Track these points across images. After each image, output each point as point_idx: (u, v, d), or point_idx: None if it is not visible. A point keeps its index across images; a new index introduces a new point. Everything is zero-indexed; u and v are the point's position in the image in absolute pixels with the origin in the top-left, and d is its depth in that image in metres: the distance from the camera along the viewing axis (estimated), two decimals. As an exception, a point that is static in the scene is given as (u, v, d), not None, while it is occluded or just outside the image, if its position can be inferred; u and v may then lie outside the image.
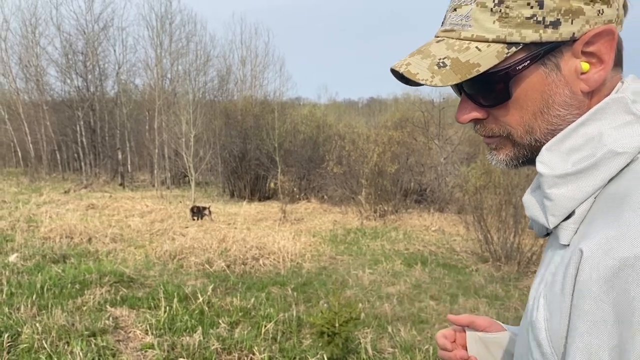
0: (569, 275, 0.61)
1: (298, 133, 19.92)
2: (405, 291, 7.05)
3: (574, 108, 0.71)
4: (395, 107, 37.14)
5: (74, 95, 26.83)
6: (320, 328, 3.85)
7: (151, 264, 8.03)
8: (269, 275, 7.62)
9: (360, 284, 7.26)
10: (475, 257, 9.87)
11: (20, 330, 4.33)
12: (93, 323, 4.61)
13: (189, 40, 26.67)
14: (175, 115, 20.62)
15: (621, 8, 0.70)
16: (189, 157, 19.27)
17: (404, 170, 15.11)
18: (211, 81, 28.88)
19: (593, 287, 0.57)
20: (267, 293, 6.44)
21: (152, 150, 24.69)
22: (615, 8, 0.69)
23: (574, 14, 0.67)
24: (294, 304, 5.92)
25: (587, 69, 0.69)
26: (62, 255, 7.79)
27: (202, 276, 7.40)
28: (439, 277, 8.02)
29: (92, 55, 26.75)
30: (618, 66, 0.72)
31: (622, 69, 0.73)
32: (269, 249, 8.91)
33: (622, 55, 0.72)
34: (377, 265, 8.81)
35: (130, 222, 12.28)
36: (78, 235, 9.46)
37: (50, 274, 6.39)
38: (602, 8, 0.67)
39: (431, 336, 4.86)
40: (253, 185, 21.70)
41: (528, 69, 0.70)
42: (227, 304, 5.38)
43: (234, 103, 23.87)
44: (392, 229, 13.19)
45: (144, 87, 28.30)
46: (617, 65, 0.71)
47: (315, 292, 6.59)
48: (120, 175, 26.35)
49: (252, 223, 13.70)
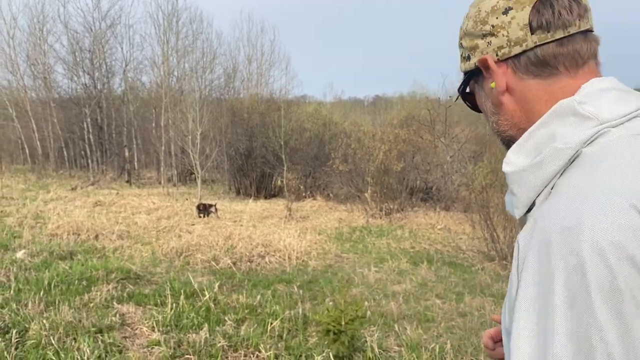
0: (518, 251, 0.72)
1: (304, 131, 19.92)
2: (411, 289, 7.04)
3: (500, 115, 0.89)
4: (402, 105, 37.04)
5: (81, 92, 26.95)
6: (327, 326, 3.85)
7: (158, 261, 8.05)
8: (274, 273, 7.63)
9: (366, 282, 7.25)
10: (482, 255, 9.85)
11: (28, 326, 4.36)
12: (100, 319, 4.63)
13: (195, 38, 26.72)
14: (181, 112, 20.66)
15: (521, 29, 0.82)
16: (195, 155, 19.31)
17: (410, 169, 15.08)
18: (217, 79, 28.93)
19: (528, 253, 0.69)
20: (273, 290, 6.45)
21: (158, 147, 24.76)
22: (503, 35, 0.83)
23: (473, 49, 0.89)
24: (300, 301, 5.93)
25: (494, 86, 0.87)
26: (70, 251, 7.82)
27: (208, 273, 7.42)
28: (444, 275, 8.00)
29: (99, 53, 26.85)
30: (574, 68, 0.81)
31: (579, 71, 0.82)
32: (275, 246, 8.92)
33: (580, 60, 0.81)
34: (382, 263, 8.81)
35: (137, 219, 12.33)
36: (85, 232, 9.51)
37: (58, 270, 6.42)
38: (490, 40, 0.86)
39: (437, 335, 4.86)
40: (259, 182, 21.72)
41: (474, 89, 0.96)
42: (233, 301, 5.39)
43: (240, 101, 23.90)
44: (398, 227, 13.17)
45: (150, 84, 28.37)
46: (574, 68, 0.81)
47: (321, 290, 6.60)
48: (127, 172, 26.46)
49: (257, 220, 13.72)
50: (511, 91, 0.86)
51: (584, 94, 0.79)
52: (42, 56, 27.76)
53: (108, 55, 27.43)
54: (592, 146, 0.74)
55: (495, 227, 9.56)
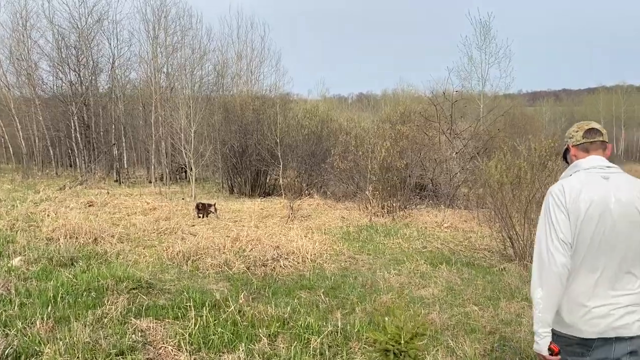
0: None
1: (301, 128, 19.41)
2: (439, 294, 6.63)
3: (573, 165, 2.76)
4: (395, 101, 36.74)
5: (67, 90, 26.11)
6: (385, 345, 3.41)
7: (165, 266, 7.54)
8: (291, 278, 7.16)
9: (390, 287, 6.82)
10: (498, 255, 9.47)
11: (39, 349, 3.84)
12: (119, 339, 4.12)
13: (184, 34, 25.98)
14: (174, 109, 20.03)
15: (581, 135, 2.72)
16: (190, 153, 18.72)
17: (413, 166, 14.67)
18: (207, 75, 28.24)
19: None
20: (296, 298, 5.99)
21: (149, 145, 24.09)
22: (579, 136, 2.72)
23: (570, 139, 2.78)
24: (329, 311, 5.48)
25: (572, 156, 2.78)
26: (70, 257, 7.27)
27: (222, 279, 6.93)
28: (469, 278, 7.60)
29: (86, 49, 26.04)
30: (584, 152, 2.69)
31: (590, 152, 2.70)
32: (287, 248, 8.44)
33: (588, 147, 2.69)
34: (399, 265, 8.39)
35: (134, 221, 11.77)
36: (83, 235, 8.95)
37: (61, 279, 5.87)
38: (574, 135, 2.75)
39: (491, 348, 4.44)
40: (254, 181, 21.20)
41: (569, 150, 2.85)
42: (261, 312, 4.90)
43: (234, 97, 23.28)
44: (403, 225, 12.75)
45: (139, 81, 27.63)
46: (585, 152, 2.69)
47: (347, 297, 6.15)
48: (116, 171, 25.74)
49: (258, 220, 13.23)
50: (573, 155, 2.75)
51: (574, 164, 2.69)
52: (25, 52, 26.87)
53: (95, 51, 26.65)
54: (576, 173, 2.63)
55: (514, 225, 9.17)
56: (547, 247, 2.45)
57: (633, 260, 2.47)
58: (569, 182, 2.53)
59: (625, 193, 2.46)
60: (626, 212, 2.45)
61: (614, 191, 2.46)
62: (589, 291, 2.45)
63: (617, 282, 2.46)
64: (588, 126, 2.69)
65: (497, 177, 9.10)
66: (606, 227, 2.42)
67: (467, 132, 15.33)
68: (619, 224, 2.43)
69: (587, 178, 2.51)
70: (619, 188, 2.48)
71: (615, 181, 2.51)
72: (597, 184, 2.49)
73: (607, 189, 2.47)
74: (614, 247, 2.44)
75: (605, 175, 2.52)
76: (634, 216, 2.45)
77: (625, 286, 2.47)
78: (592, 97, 64.49)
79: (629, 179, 2.56)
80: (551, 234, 2.45)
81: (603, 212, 2.43)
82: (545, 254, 2.45)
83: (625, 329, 2.43)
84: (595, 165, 2.56)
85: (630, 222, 2.45)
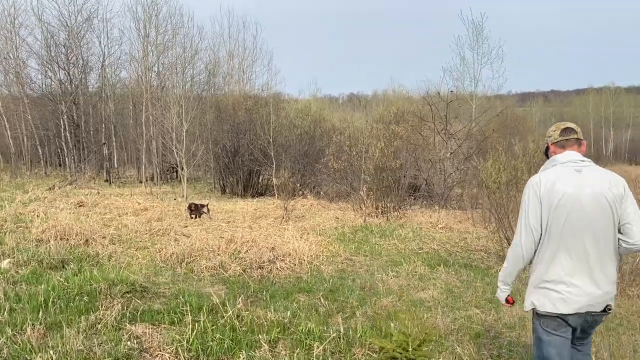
0: None
1: (294, 128, 19.24)
2: (438, 297, 6.52)
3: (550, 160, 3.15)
4: (385, 101, 36.66)
5: (57, 88, 25.73)
6: (392, 353, 3.28)
7: (159, 269, 7.37)
8: (289, 280, 7.02)
9: (389, 290, 6.70)
10: (495, 256, 9.39)
11: (30, 358, 3.66)
12: (114, 346, 3.95)
13: (175, 33, 25.68)
14: (166, 109, 19.78)
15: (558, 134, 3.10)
16: (181, 152, 18.49)
17: (408, 166, 14.57)
18: (198, 75, 27.95)
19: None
20: (294, 302, 5.85)
21: (139, 145, 23.80)
22: (556, 135, 3.10)
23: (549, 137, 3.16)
24: (329, 315, 5.35)
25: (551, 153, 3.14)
26: (61, 260, 7.08)
27: (217, 282, 6.77)
28: (467, 280, 7.51)
29: (75, 48, 25.68)
30: (561, 149, 3.05)
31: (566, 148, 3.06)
32: (282, 250, 8.30)
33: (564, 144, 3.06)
34: (397, 267, 8.28)
35: (126, 221, 11.56)
36: (74, 237, 8.74)
37: (52, 283, 5.68)
38: (552, 134, 3.14)
39: (498, 354, 4.33)
40: (246, 181, 21.01)
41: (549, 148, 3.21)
42: (260, 317, 4.75)
43: (226, 97, 23.07)
44: (398, 226, 12.65)
45: (130, 80, 27.31)
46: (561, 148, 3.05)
47: (347, 300, 6.02)
48: (106, 171, 25.43)
49: (252, 221, 13.07)
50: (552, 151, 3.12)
51: (552, 159, 3.06)
52: (14, 50, 26.47)
53: (85, 50, 26.28)
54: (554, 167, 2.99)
55: (511, 226, 9.09)
56: (520, 231, 2.90)
57: (605, 245, 2.80)
58: (546, 174, 2.91)
59: (595, 184, 2.80)
60: (596, 201, 2.78)
61: (585, 182, 2.80)
62: (572, 271, 2.80)
63: (590, 262, 2.79)
64: (564, 126, 3.09)
65: (495, 177, 9.02)
66: (577, 214, 2.76)
67: (461, 132, 15.24)
68: (589, 212, 2.77)
69: (562, 171, 2.88)
70: (590, 179, 2.82)
71: (587, 174, 2.85)
72: (571, 175, 2.85)
73: (579, 180, 2.83)
74: (584, 232, 2.77)
75: (578, 169, 2.87)
76: (603, 204, 2.77)
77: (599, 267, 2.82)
78: (582, 98, 64.89)
79: (601, 171, 2.89)
80: (523, 220, 2.89)
81: (574, 202, 2.78)
82: (518, 236, 2.91)
83: (595, 307, 2.82)
84: (570, 160, 2.93)
85: (600, 209, 2.78)
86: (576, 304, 2.79)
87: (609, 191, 2.78)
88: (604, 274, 2.81)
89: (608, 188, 2.78)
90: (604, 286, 2.81)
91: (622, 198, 2.80)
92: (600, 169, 2.92)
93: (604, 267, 2.81)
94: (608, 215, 2.77)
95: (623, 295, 6.73)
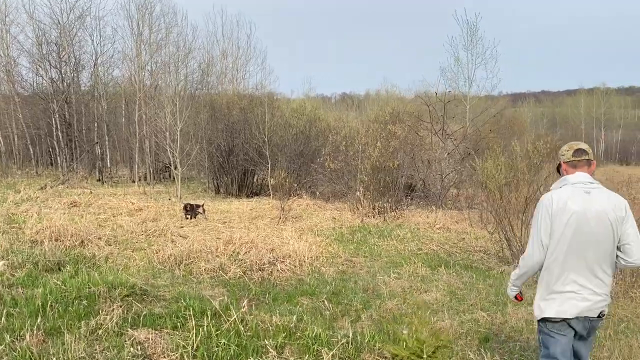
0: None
1: (289, 127, 19.10)
2: (442, 299, 6.44)
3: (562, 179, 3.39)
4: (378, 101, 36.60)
5: (48, 87, 25.42)
6: (407, 360, 3.19)
7: (157, 271, 7.24)
8: (290, 282, 6.91)
9: (392, 292, 6.61)
10: (495, 258, 9.33)
11: (31, 365, 3.54)
12: (117, 353, 3.83)
13: (169, 32, 25.46)
14: (159, 108, 19.58)
15: (570, 154, 3.29)
16: (176, 152, 18.31)
17: (406, 166, 14.49)
18: (192, 74, 27.71)
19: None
20: (298, 305, 5.75)
21: (132, 144, 23.58)
22: (569, 155, 3.30)
23: (562, 156, 3.36)
24: (334, 319, 5.25)
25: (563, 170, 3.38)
26: (57, 262, 6.92)
27: (217, 285, 6.65)
28: (469, 281, 7.43)
29: (67, 46, 25.38)
30: (573, 168, 3.28)
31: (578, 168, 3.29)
32: (282, 251, 8.19)
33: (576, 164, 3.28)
34: (398, 268, 8.19)
35: (120, 222, 11.41)
36: (69, 238, 8.58)
37: (49, 286, 5.52)
38: (565, 154, 3.33)
39: (510, 359, 4.25)
40: (241, 180, 20.85)
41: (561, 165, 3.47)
42: (265, 321, 4.64)
43: (220, 96, 22.88)
44: (396, 226, 12.57)
45: (123, 79, 27.04)
46: (573, 168, 3.28)
47: (351, 303, 5.92)
48: (98, 170, 25.17)
49: (248, 221, 12.94)
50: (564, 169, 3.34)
51: (563, 178, 3.30)
52: (4, 48, 26.14)
53: (77, 48, 25.95)
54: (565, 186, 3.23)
55: (512, 227, 9.04)
56: (532, 244, 3.24)
57: (604, 258, 3.15)
58: (558, 193, 3.21)
59: (601, 205, 3.13)
60: (600, 220, 3.11)
61: (593, 204, 3.14)
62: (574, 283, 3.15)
63: (591, 273, 3.15)
64: (577, 147, 3.34)
65: (497, 177, 8.95)
66: (584, 230, 3.11)
67: (458, 133, 15.18)
68: (594, 229, 3.12)
69: (572, 192, 3.17)
70: (597, 201, 3.15)
71: (595, 195, 3.17)
72: (580, 197, 3.16)
73: (587, 202, 3.14)
74: (589, 247, 3.12)
75: (587, 190, 3.18)
76: (606, 224, 3.12)
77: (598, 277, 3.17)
78: (573, 99, 65.27)
79: (607, 194, 3.22)
80: (535, 235, 3.22)
81: (582, 220, 3.11)
82: (530, 248, 3.25)
83: (592, 312, 3.16)
84: (580, 181, 3.21)
85: (603, 228, 3.12)
86: (577, 308, 3.14)
87: (613, 212, 3.11)
88: (602, 284, 3.17)
89: (612, 210, 3.12)
90: (600, 295, 3.16)
91: (623, 220, 3.13)
92: (606, 191, 3.24)
93: (603, 279, 3.17)
94: (610, 234, 3.12)
95: (626, 297, 6.69)
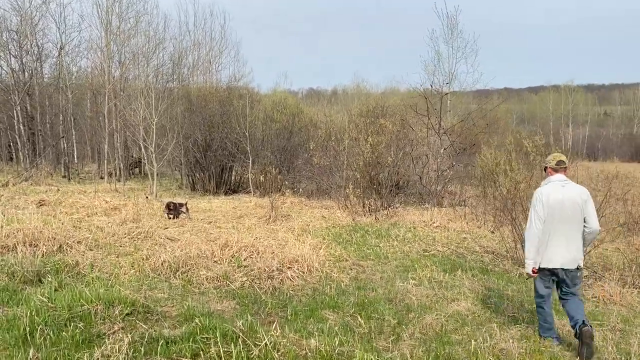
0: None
1: (272, 122, 18.27)
2: (475, 309, 5.84)
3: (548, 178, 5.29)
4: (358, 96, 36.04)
5: (8, 78, 23.87)
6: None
7: (151, 280, 6.39)
8: (304, 292, 6.18)
9: (421, 303, 5.96)
10: (508, 259, 8.81)
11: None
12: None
13: (138, 20, 24.14)
14: (132, 100, 18.45)
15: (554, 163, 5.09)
16: (151, 147, 17.26)
17: (398, 162, 13.90)
18: (163, 65, 26.47)
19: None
20: (321, 320, 5.03)
21: (101, 138, 22.30)
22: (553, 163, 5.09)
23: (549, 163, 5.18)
24: (370, 338, 4.55)
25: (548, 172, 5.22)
26: (36, 272, 6.00)
27: (224, 296, 5.86)
28: (495, 287, 6.86)
29: (30, 34, 23.87)
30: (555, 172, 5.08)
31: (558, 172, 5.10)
32: (285, 255, 7.41)
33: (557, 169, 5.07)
34: (409, 272, 7.57)
35: (98, 223, 10.45)
36: (45, 242, 7.61)
37: (34, 304, 4.65)
38: (551, 162, 5.13)
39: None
40: (218, 177, 19.95)
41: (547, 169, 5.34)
42: (301, 346, 3.91)
43: (198, 88, 21.83)
44: (391, 225, 11.97)
45: (90, 70, 25.63)
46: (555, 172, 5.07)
47: (382, 318, 5.24)
48: (64, 166, 23.81)
49: (235, 221, 12.12)
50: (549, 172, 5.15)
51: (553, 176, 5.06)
52: (-40, 36, 24.41)
53: (40, 36, 24.47)
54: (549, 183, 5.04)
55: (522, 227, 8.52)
56: (533, 220, 4.86)
57: (577, 228, 4.80)
58: (546, 188, 4.93)
59: (572, 194, 4.83)
60: (572, 203, 4.78)
61: (567, 193, 4.83)
62: (557, 243, 4.77)
63: (568, 239, 4.77)
64: (560, 158, 5.07)
65: (512, 174, 8.43)
66: (562, 211, 4.77)
67: (454, 128, 14.66)
68: (568, 210, 4.78)
69: (553, 187, 4.89)
70: (569, 191, 4.85)
71: (568, 188, 4.88)
72: (559, 189, 4.86)
73: (563, 192, 4.84)
74: (566, 221, 4.77)
75: (563, 185, 4.89)
76: (576, 205, 4.78)
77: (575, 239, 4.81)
78: (540, 96, 66.42)
79: (575, 186, 4.95)
80: (534, 214, 4.85)
81: (561, 204, 4.79)
82: (532, 223, 4.85)
83: (570, 264, 4.77)
84: (558, 180, 4.94)
85: (574, 208, 4.78)
86: (558, 262, 4.76)
87: (579, 198, 4.80)
88: (575, 246, 4.79)
89: (579, 196, 4.82)
90: (574, 253, 4.77)
91: (585, 202, 4.79)
92: (575, 184, 4.99)
93: (575, 242, 4.79)
94: (578, 212, 4.78)
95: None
